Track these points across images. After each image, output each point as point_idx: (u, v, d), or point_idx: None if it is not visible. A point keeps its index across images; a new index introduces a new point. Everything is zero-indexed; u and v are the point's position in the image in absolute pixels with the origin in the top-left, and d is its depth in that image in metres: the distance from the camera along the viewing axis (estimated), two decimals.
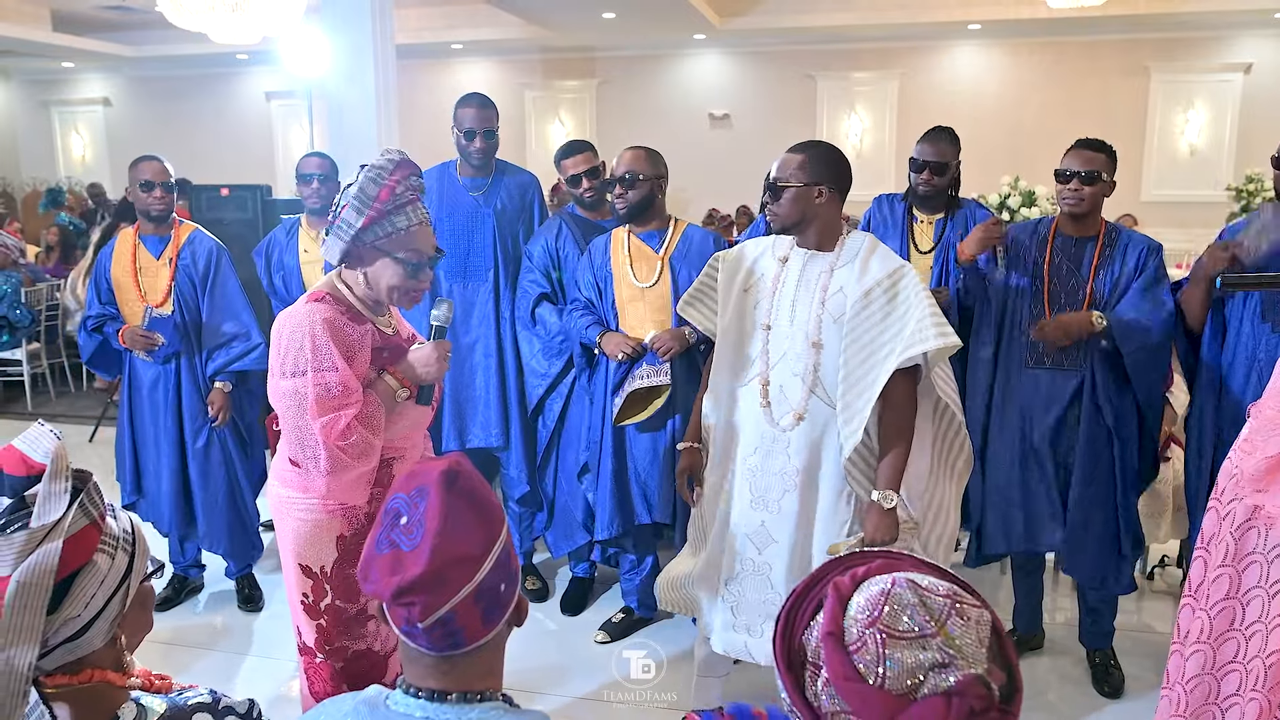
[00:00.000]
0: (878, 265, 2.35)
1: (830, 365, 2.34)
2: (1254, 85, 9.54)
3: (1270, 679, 1.89)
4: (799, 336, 2.37)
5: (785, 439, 2.39)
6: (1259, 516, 1.93)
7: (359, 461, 1.99)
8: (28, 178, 12.51)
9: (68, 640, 1.12)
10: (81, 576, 1.12)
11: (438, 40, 10.08)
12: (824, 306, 2.35)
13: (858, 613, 0.94)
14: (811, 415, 2.36)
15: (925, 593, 0.94)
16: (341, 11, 5.46)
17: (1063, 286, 2.91)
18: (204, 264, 3.47)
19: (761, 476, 2.43)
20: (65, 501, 1.12)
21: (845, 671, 0.92)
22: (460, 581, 1.13)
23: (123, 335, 3.43)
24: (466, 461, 1.23)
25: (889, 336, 2.29)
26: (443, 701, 1.17)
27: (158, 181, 3.41)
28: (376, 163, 2.05)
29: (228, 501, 3.59)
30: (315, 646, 2.16)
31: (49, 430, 1.19)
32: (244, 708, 1.18)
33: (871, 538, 2.31)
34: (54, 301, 7.12)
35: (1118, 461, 2.89)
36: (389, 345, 2.14)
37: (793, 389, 2.38)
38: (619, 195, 3.08)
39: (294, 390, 1.97)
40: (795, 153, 2.38)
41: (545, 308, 3.38)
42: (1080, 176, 2.83)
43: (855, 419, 2.29)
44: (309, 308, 2.04)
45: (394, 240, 2.04)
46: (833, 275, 2.36)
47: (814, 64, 10.46)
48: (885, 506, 2.31)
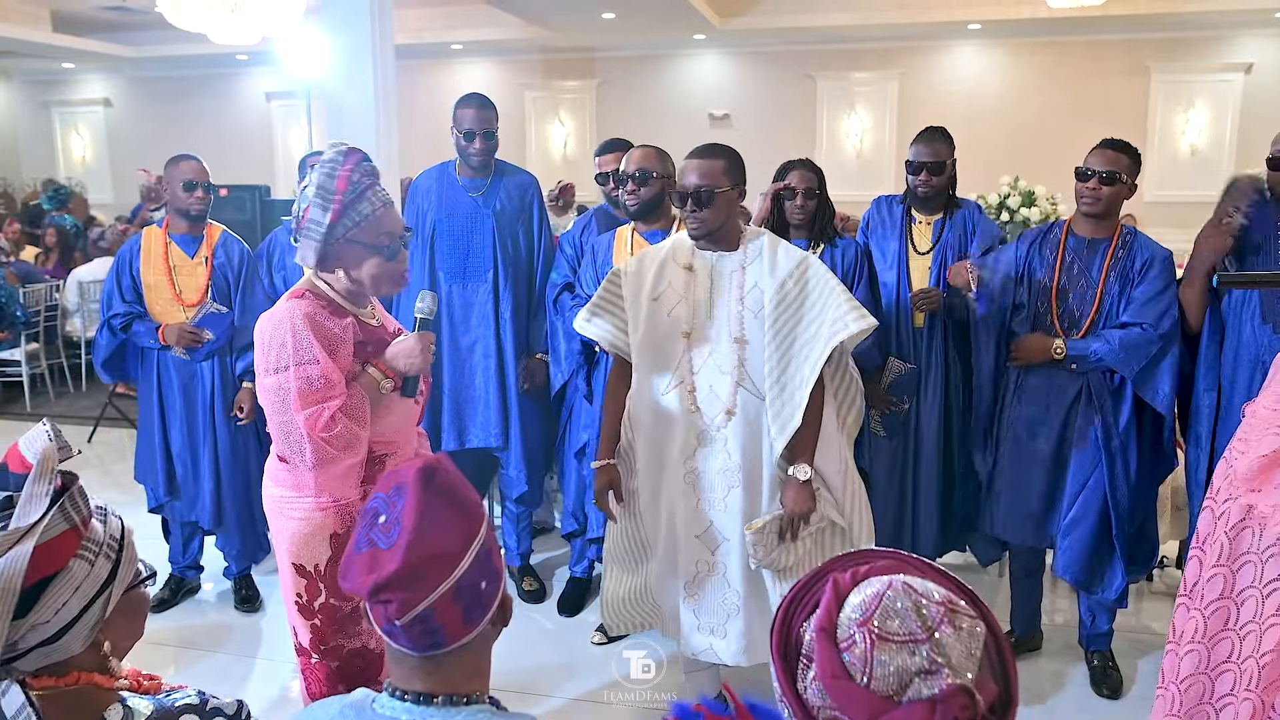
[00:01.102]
0: (784, 258, 2.44)
1: (755, 359, 2.41)
2: (1255, 85, 9.52)
3: (1264, 679, 1.89)
4: (722, 336, 2.43)
5: (722, 437, 2.44)
6: (1253, 516, 1.93)
7: (344, 453, 1.99)
8: (28, 178, 12.51)
9: (43, 645, 1.10)
10: (54, 583, 1.10)
11: (437, 40, 10.07)
12: (743, 303, 2.42)
13: (851, 611, 0.94)
14: (741, 409, 2.42)
15: (920, 598, 0.93)
16: (340, 12, 5.45)
17: (1073, 286, 2.89)
18: (238, 263, 3.53)
19: (705, 477, 2.48)
20: (44, 505, 1.10)
21: (834, 669, 0.92)
22: (438, 578, 1.13)
23: (164, 333, 3.42)
24: (446, 460, 1.22)
25: (807, 324, 2.38)
26: (429, 705, 1.16)
27: (199, 181, 3.45)
28: (326, 157, 2.08)
29: (244, 499, 3.60)
30: (310, 647, 2.16)
31: (45, 431, 1.18)
32: (232, 709, 1.17)
33: (790, 511, 2.40)
34: (53, 302, 7.12)
35: (1117, 465, 2.87)
36: (372, 338, 2.14)
37: (722, 387, 2.43)
38: (631, 192, 3.10)
39: (278, 386, 1.99)
40: (712, 158, 2.43)
41: (566, 298, 3.39)
42: (1100, 177, 2.81)
43: (790, 411, 2.37)
44: (289, 304, 2.05)
45: (363, 228, 2.06)
46: (745, 273, 2.43)
47: (814, 64, 10.46)
48: (801, 479, 2.39)
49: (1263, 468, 1.90)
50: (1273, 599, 1.91)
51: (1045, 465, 2.94)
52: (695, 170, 2.41)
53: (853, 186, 9.07)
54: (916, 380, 3.24)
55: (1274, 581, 1.91)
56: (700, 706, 1.08)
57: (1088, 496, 2.89)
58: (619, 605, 2.71)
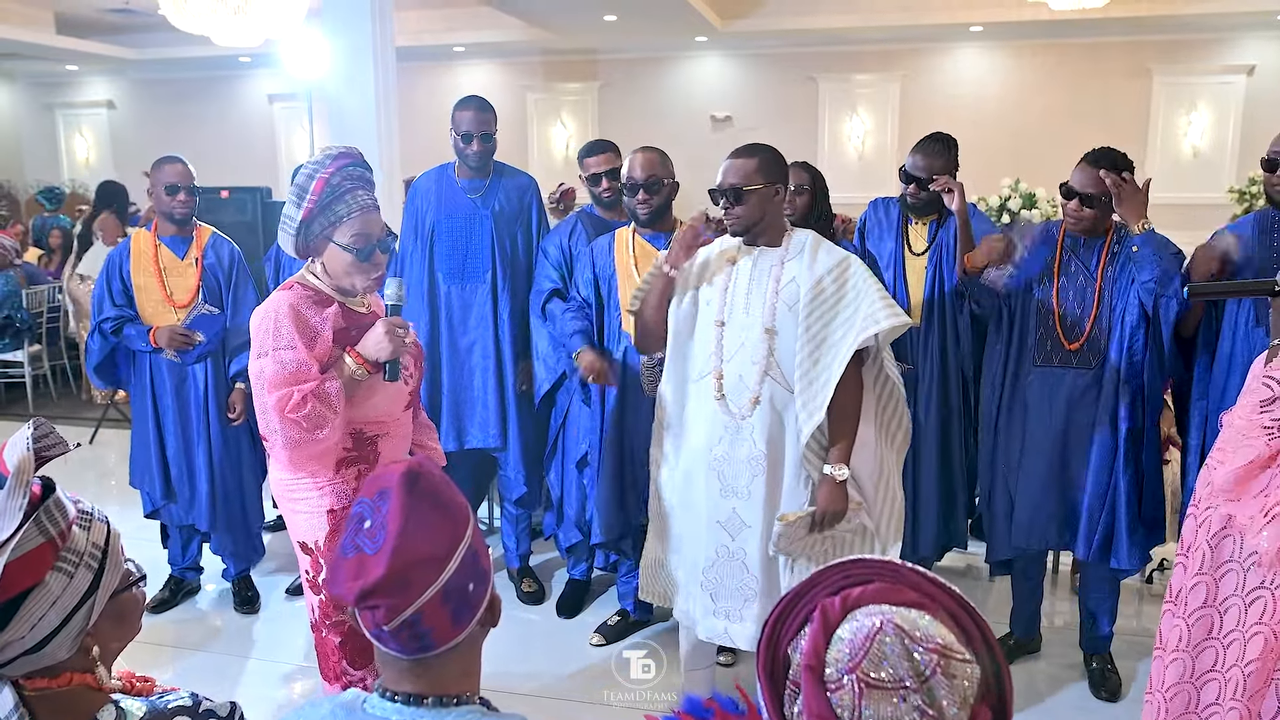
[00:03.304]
0: (825, 256, 2.50)
1: (785, 351, 2.46)
2: (1257, 87, 9.50)
3: (1249, 688, 1.89)
4: (754, 326, 2.48)
5: (748, 425, 2.49)
6: (1233, 525, 1.93)
7: (314, 432, 2.10)
8: (31, 180, 12.53)
9: (24, 654, 1.09)
10: (30, 598, 1.07)
11: (439, 43, 10.08)
12: (778, 296, 2.48)
13: (840, 653, 0.91)
14: (769, 399, 2.47)
15: (913, 644, 0.90)
16: (342, 14, 5.47)
17: (1071, 284, 2.90)
18: (229, 264, 3.54)
19: (729, 465, 2.52)
20: (17, 519, 1.07)
21: (820, 710, 0.90)
22: (425, 583, 1.13)
23: (155, 335, 3.42)
24: (429, 463, 1.23)
25: (841, 321, 2.43)
26: (419, 706, 1.16)
27: (182, 185, 3.44)
28: (314, 159, 2.20)
29: (238, 500, 3.61)
30: (319, 622, 2.28)
31: (27, 437, 1.14)
32: (225, 710, 1.17)
33: (823, 509, 2.45)
34: (55, 304, 7.14)
35: (1127, 453, 2.87)
36: (355, 324, 2.25)
37: (750, 376, 2.48)
38: (643, 201, 3.09)
39: (259, 371, 2.13)
40: (747, 157, 2.51)
41: (556, 303, 3.38)
42: (1081, 198, 2.82)
43: (815, 403, 2.41)
44: (277, 296, 2.20)
45: (338, 228, 2.17)
46: (784, 268, 2.50)
47: (816, 66, 10.45)
48: (838, 479, 2.44)
49: (1239, 479, 1.90)
50: (1255, 607, 1.91)
51: (1057, 464, 2.94)
52: (730, 170, 2.50)
53: (854, 189, 9.06)
54: (914, 381, 3.24)
55: (1257, 590, 1.91)
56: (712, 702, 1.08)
57: (1106, 480, 2.89)
58: (648, 570, 2.78)
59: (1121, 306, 2.84)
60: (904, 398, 2.61)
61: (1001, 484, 3.05)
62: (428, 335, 3.50)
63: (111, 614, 1.17)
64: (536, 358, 3.46)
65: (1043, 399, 2.94)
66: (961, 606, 0.96)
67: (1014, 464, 3.01)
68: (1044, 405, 2.94)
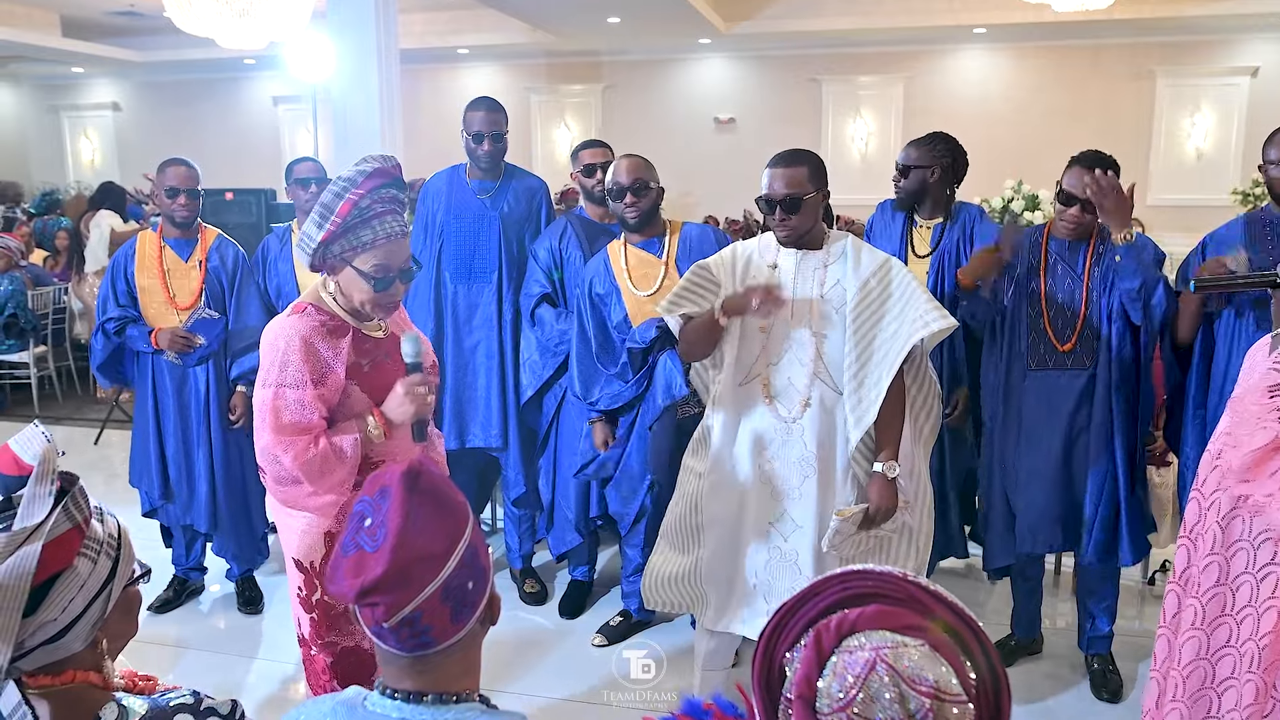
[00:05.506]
0: (868, 258, 2.52)
1: (834, 352, 2.48)
2: (1261, 89, 9.49)
3: (1265, 660, 1.95)
4: (802, 330, 2.50)
5: (799, 428, 2.51)
6: (1244, 505, 1.99)
7: (310, 482, 2.02)
8: (38, 182, 12.57)
9: (46, 643, 1.12)
10: (61, 581, 1.12)
11: (443, 45, 10.10)
12: (823, 299, 2.48)
13: (832, 687, 0.91)
14: (819, 400, 2.49)
15: (906, 685, 0.89)
16: (347, 17, 5.50)
17: (1059, 287, 2.91)
18: (232, 267, 3.53)
19: (781, 466, 2.53)
20: (49, 505, 1.11)
21: None
22: (424, 580, 1.14)
23: (156, 337, 3.43)
24: (429, 461, 1.23)
25: (889, 322, 2.45)
26: (419, 703, 1.17)
27: (182, 188, 3.44)
28: (346, 174, 2.02)
29: (240, 503, 3.61)
30: (310, 639, 2.22)
31: (40, 432, 1.19)
32: (227, 708, 1.18)
33: (876, 505, 2.46)
34: (60, 305, 7.16)
35: (1121, 453, 2.89)
36: (368, 356, 2.14)
37: (799, 379, 2.50)
38: (631, 205, 3.08)
39: (261, 401, 2.04)
40: (795, 165, 2.47)
41: (545, 309, 3.39)
42: (1082, 205, 2.83)
43: (865, 406, 2.43)
44: (290, 321, 2.07)
45: (360, 254, 2.02)
46: (826, 270, 2.50)
47: (819, 68, 10.46)
48: (889, 476, 2.47)
49: (1256, 461, 1.95)
50: (1267, 582, 1.97)
51: (1058, 467, 2.94)
52: (781, 179, 2.45)
53: (857, 190, 9.08)
54: None
55: (1268, 565, 1.97)
56: (710, 704, 1.08)
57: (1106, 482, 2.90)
58: (662, 583, 2.74)
59: (1110, 306, 2.86)
60: (939, 393, 2.65)
61: (1000, 492, 3.04)
62: (433, 334, 3.51)
63: (121, 605, 1.20)
64: (523, 363, 3.47)
65: (1040, 403, 2.94)
66: (961, 619, 0.95)
67: (1014, 470, 3.01)
68: (1042, 409, 2.94)
